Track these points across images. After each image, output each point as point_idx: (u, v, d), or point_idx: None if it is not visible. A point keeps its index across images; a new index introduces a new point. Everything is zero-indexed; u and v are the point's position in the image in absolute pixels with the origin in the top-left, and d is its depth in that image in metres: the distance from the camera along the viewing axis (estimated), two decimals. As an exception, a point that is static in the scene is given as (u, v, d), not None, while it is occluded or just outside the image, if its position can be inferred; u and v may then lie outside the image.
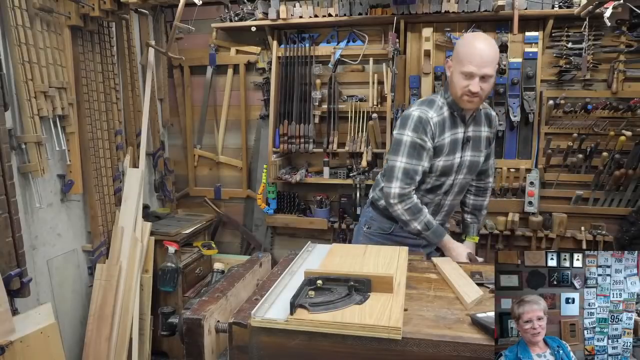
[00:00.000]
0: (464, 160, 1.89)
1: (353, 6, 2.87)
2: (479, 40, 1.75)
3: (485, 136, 1.94)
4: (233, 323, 1.22)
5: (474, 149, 1.91)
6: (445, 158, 1.86)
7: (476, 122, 1.91)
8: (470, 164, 1.91)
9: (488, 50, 1.71)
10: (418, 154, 1.80)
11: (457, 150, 1.87)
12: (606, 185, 2.82)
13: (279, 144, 3.12)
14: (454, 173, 1.90)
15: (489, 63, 1.71)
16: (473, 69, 1.71)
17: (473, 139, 1.89)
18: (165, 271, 2.74)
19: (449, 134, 1.85)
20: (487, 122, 1.95)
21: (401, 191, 1.82)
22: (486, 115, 1.95)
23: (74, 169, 2.47)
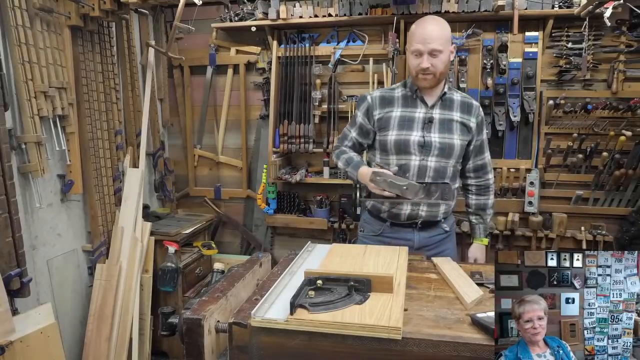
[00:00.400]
0: (430, 140, 1.88)
1: (353, 6, 2.87)
2: (425, 20, 1.85)
3: (459, 121, 1.92)
4: (233, 323, 1.22)
5: (443, 131, 1.90)
6: (398, 132, 1.90)
7: (445, 105, 1.93)
8: (442, 146, 1.89)
9: (432, 27, 1.80)
10: (352, 123, 2.07)
11: (414, 129, 1.89)
12: (606, 185, 2.82)
13: (279, 144, 3.12)
14: (417, 152, 1.89)
15: (435, 39, 1.77)
16: (419, 47, 1.79)
17: (440, 121, 1.91)
18: (165, 271, 2.74)
19: (398, 109, 1.93)
20: (465, 110, 1.95)
21: (335, 144, 2.14)
22: (464, 103, 1.96)
23: (74, 169, 2.47)
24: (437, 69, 1.82)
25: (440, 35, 1.80)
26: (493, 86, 2.85)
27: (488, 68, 2.83)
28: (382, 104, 1.96)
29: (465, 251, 3.05)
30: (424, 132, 1.89)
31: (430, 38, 1.78)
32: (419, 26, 1.83)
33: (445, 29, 1.83)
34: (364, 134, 2.02)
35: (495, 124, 2.87)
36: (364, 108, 1.99)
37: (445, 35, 1.82)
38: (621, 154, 2.73)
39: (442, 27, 1.82)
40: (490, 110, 2.87)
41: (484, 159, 2.04)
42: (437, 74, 1.83)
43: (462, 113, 1.94)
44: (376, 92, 2.01)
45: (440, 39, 1.79)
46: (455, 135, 1.91)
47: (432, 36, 1.78)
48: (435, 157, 1.89)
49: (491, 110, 2.87)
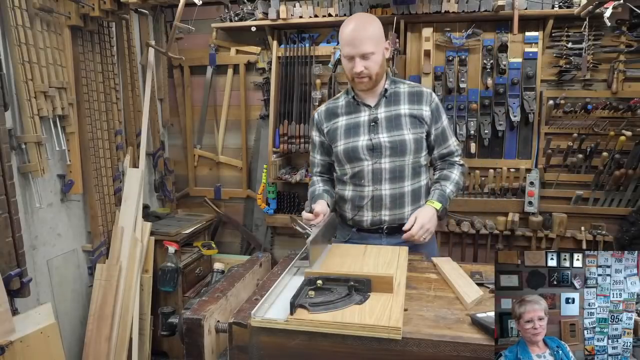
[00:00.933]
0: (378, 142, 1.80)
1: (353, 6, 2.88)
2: (351, 20, 1.73)
3: (408, 114, 1.82)
4: (233, 323, 1.22)
5: (391, 129, 1.81)
6: (345, 141, 1.84)
7: (390, 102, 1.84)
8: (393, 144, 1.80)
9: (359, 29, 1.68)
10: (312, 147, 2.02)
11: (361, 133, 1.82)
12: (606, 185, 2.83)
13: (279, 144, 3.12)
14: (368, 157, 1.81)
15: (363, 41, 1.67)
16: (349, 50, 1.70)
17: (386, 119, 1.82)
18: (165, 271, 2.74)
19: (343, 118, 1.87)
20: (414, 100, 1.84)
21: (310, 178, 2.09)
22: (413, 93, 1.85)
23: (74, 169, 2.47)
24: (371, 71, 1.73)
25: (370, 35, 1.69)
26: (493, 86, 2.85)
27: (488, 68, 2.83)
28: (327, 117, 1.91)
29: (465, 251, 3.08)
30: (371, 135, 1.81)
31: (358, 41, 1.68)
32: (345, 28, 1.72)
33: (374, 27, 1.72)
34: (325, 151, 1.96)
35: (495, 124, 2.87)
36: (315, 126, 1.95)
37: (375, 34, 1.71)
38: (621, 154, 2.73)
39: (371, 26, 1.71)
40: (490, 110, 2.87)
41: (449, 147, 1.91)
42: (372, 76, 1.75)
43: (410, 104, 1.83)
44: (322, 107, 1.96)
45: (369, 39, 1.69)
46: (405, 130, 1.81)
47: (360, 39, 1.68)
48: (388, 158, 1.81)
49: (491, 110, 2.87)
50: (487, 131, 2.88)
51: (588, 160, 2.82)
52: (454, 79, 2.88)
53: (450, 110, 2.91)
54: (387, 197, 1.83)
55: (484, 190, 2.97)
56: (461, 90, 2.87)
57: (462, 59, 2.85)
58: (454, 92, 2.90)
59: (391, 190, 1.83)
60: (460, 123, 2.90)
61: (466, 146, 2.92)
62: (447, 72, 2.87)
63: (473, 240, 3.04)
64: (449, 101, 2.91)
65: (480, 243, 3.05)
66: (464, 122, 2.89)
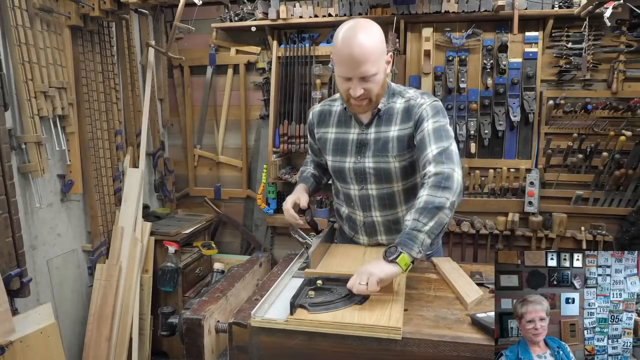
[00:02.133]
0: (363, 166, 1.61)
1: (353, 6, 2.87)
2: (348, 34, 1.42)
3: (396, 136, 1.57)
4: (233, 323, 1.22)
5: (377, 154, 1.59)
6: (332, 158, 1.68)
7: (382, 121, 1.59)
8: (377, 172, 1.60)
9: (358, 45, 1.40)
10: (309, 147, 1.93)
11: (348, 153, 1.63)
12: (606, 185, 2.82)
13: (279, 144, 3.12)
14: (353, 181, 1.66)
15: (364, 61, 1.41)
16: (345, 71, 1.45)
17: (374, 141, 1.59)
18: (165, 271, 2.74)
19: (333, 130, 1.69)
20: (405, 117, 1.57)
21: None
22: (406, 109, 1.57)
23: (74, 169, 2.47)
24: (371, 93, 1.49)
25: (372, 51, 1.42)
26: (493, 86, 2.85)
27: (488, 68, 2.83)
28: (319, 122, 1.73)
29: (465, 251, 3.08)
30: (357, 157, 1.62)
31: (357, 61, 1.41)
32: (343, 44, 1.42)
33: (375, 41, 1.43)
34: (315, 154, 1.87)
35: (495, 124, 2.87)
36: (309, 126, 1.80)
37: (377, 49, 1.44)
38: (621, 154, 2.73)
39: (372, 41, 1.42)
40: (490, 110, 2.87)
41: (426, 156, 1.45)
42: (372, 98, 1.51)
43: (401, 124, 1.57)
44: (317, 107, 1.78)
45: (372, 56, 1.41)
46: (390, 158, 1.57)
47: (359, 59, 1.40)
48: (375, 185, 1.63)
49: (491, 110, 2.87)
50: (487, 131, 2.88)
51: (588, 160, 2.82)
52: (454, 79, 2.88)
53: (450, 110, 2.90)
54: (381, 224, 1.70)
55: (484, 190, 2.97)
56: (461, 90, 2.87)
57: (462, 59, 2.85)
58: (454, 92, 2.90)
59: (383, 217, 1.68)
60: (460, 123, 2.90)
61: (466, 146, 2.92)
62: (447, 72, 2.87)
63: (473, 240, 3.04)
64: (449, 101, 2.91)
65: (480, 243, 3.05)
66: (464, 122, 2.89)
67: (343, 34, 1.44)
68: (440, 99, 2.84)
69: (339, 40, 1.45)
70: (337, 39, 1.45)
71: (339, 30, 1.46)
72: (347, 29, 1.44)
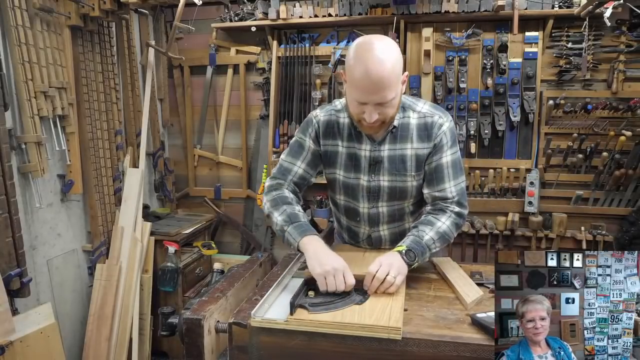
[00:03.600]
0: (377, 185, 1.56)
1: (353, 6, 2.87)
2: (367, 58, 1.31)
3: (415, 154, 1.52)
4: (233, 323, 1.22)
5: (393, 172, 1.54)
6: (345, 174, 1.59)
7: (396, 138, 1.53)
8: (392, 191, 1.56)
9: (380, 72, 1.30)
10: (295, 152, 1.63)
11: (361, 171, 1.56)
12: (606, 185, 2.83)
13: (279, 144, 3.12)
14: (364, 199, 1.60)
15: (383, 87, 1.33)
16: (361, 97, 1.36)
17: (389, 160, 1.53)
18: (165, 271, 2.74)
19: (344, 144, 1.57)
20: (423, 135, 1.51)
21: (270, 183, 1.64)
22: (422, 126, 1.52)
23: (74, 169, 2.47)
24: (387, 116, 1.42)
25: (391, 76, 1.33)
26: (493, 86, 2.85)
27: (488, 68, 2.83)
28: (326, 133, 1.59)
29: (465, 251, 3.08)
30: (371, 175, 1.56)
31: (377, 88, 1.32)
32: (359, 67, 1.32)
33: (395, 63, 1.34)
34: (314, 163, 1.64)
35: (495, 124, 2.87)
36: (312, 132, 1.60)
37: (396, 73, 1.35)
38: (621, 154, 2.73)
39: (392, 63, 1.33)
40: (490, 110, 2.87)
41: (444, 191, 1.52)
42: (387, 120, 1.44)
43: (419, 142, 1.52)
44: (321, 114, 1.61)
45: (390, 81, 1.33)
46: (408, 176, 1.54)
47: (380, 84, 1.32)
48: (386, 202, 1.59)
49: (491, 110, 2.87)
50: (487, 131, 2.88)
51: (588, 160, 2.82)
52: (454, 79, 2.88)
53: (450, 110, 2.91)
54: (387, 237, 1.69)
55: (484, 190, 2.97)
56: (461, 90, 2.87)
57: (462, 59, 2.85)
58: (454, 92, 2.90)
59: (390, 231, 1.67)
60: (460, 123, 2.90)
61: (466, 146, 2.92)
62: (447, 72, 2.87)
63: (473, 240, 3.04)
64: (449, 101, 2.91)
65: (480, 243, 3.05)
66: (464, 122, 2.89)
67: (359, 56, 1.33)
68: (440, 99, 2.88)
69: (354, 63, 1.34)
70: (352, 61, 1.35)
71: (354, 51, 1.36)
72: (363, 50, 1.33)
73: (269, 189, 1.62)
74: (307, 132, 1.62)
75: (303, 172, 1.63)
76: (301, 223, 1.47)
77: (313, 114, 1.64)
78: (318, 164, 1.65)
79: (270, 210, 1.56)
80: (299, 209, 1.55)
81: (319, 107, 1.68)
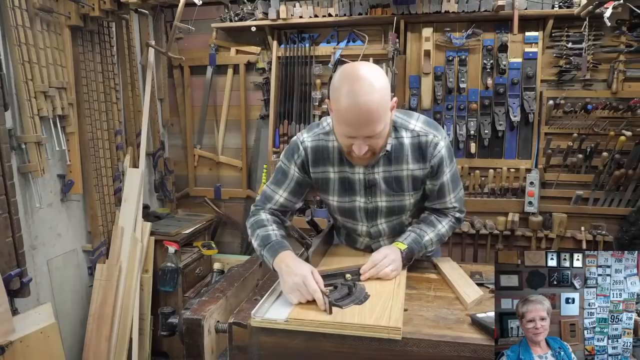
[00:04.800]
0: (375, 206, 1.55)
1: (353, 6, 2.87)
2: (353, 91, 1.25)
3: (411, 174, 1.49)
4: (233, 323, 1.22)
5: (391, 193, 1.51)
6: (339, 199, 1.55)
7: (390, 160, 1.47)
8: (390, 210, 1.55)
9: (367, 106, 1.24)
10: (278, 180, 1.58)
11: (356, 194, 1.53)
12: (606, 185, 2.82)
13: (279, 144, 3.12)
14: (363, 219, 1.60)
15: (371, 121, 1.27)
16: (348, 131, 1.32)
17: (385, 181, 1.50)
18: (165, 271, 2.74)
19: (335, 170, 1.52)
20: (418, 156, 1.47)
21: (251, 210, 1.63)
22: (416, 146, 1.47)
23: (74, 169, 2.47)
24: (377, 147, 1.37)
25: (378, 108, 1.26)
26: (493, 86, 2.85)
27: (488, 68, 2.83)
28: (316, 160, 1.52)
29: (465, 251, 3.08)
30: (368, 197, 1.53)
31: (365, 122, 1.27)
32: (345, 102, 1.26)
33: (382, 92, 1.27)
34: (299, 191, 1.59)
35: (495, 124, 2.87)
36: (298, 160, 1.53)
37: (384, 103, 1.28)
38: (621, 154, 2.73)
39: (380, 94, 1.26)
40: (490, 110, 2.87)
41: (445, 203, 1.58)
42: (377, 150, 1.40)
43: (414, 163, 1.48)
44: (308, 140, 1.52)
45: (379, 114, 1.27)
46: (406, 195, 1.53)
47: (368, 118, 1.26)
48: (385, 219, 1.59)
49: (491, 110, 2.87)
50: (487, 131, 2.88)
51: (588, 160, 2.82)
52: (454, 79, 2.88)
53: (450, 110, 2.91)
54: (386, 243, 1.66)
55: (484, 190, 2.97)
56: (461, 90, 2.87)
57: (462, 59, 2.85)
58: (454, 92, 2.90)
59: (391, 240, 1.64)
60: (460, 123, 2.90)
61: (466, 146, 2.92)
62: (447, 72, 2.87)
63: (473, 240, 3.04)
64: (449, 101, 2.91)
65: (480, 243, 3.05)
66: (464, 122, 2.89)
67: (345, 89, 1.26)
68: (440, 99, 2.88)
69: (339, 96, 1.28)
70: (337, 93, 1.28)
71: (339, 82, 1.29)
72: (349, 82, 1.27)
73: (249, 217, 1.60)
74: (292, 160, 1.54)
75: (285, 200, 1.58)
76: (272, 244, 1.44)
77: (299, 139, 1.54)
78: (303, 191, 1.61)
79: (250, 238, 1.55)
80: (273, 227, 1.51)
81: (305, 129, 1.57)
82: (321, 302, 1.22)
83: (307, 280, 1.25)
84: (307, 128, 1.57)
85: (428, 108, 2.91)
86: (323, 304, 1.22)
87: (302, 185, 1.58)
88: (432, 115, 2.91)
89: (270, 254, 1.41)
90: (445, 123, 2.91)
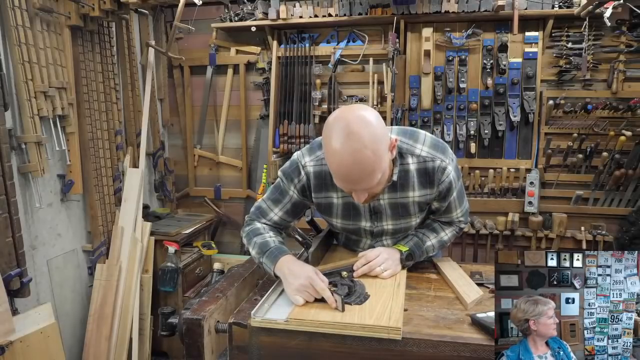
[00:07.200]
0: (381, 229, 1.55)
1: (353, 6, 2.87)
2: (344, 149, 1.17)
3: (416, 201, 1.46)
4: (233, 323, 1.22)
5: (397, 217, 1.50)
6: (343, 222, 1.54)
7: (395, 187, 1.43)
8: (397, 230, 1.56)
9: (361, 164, 1.18)
10: (276, 198, 1.53)
11: (361, 219, 1.51)
12: (606, 185, 2.82)
13: (279, 144, 3.12)
14: (368, 237, 1.60)
15: (367, 176, 1.21)
16: (346, 187, 1.29)
17: (391, 207, 1.47)
18: (165, 271, 2.74)
19: (339, 196, 1.47)
20: (425, 182, 1.43)
21: (245, 221, 1.60)
22: (422, 172, 1.42)
23: (74, 169, 2.47)
24: (377, 191, 1.36)
25: (374, 162, 1.19)
26: (493, 86, 2.85)
27: (488, 68, 2.83)
28: (318, 186, 1.46)
29: (465, 251, 3.08)
30: (373, 222, 1.52)
31: (360, 178, 1.21)
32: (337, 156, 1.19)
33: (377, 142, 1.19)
34: (295, 212, 1.56)
35: (495, 124, 2.87)
36: (298, 184, 1.48)
37: (379, 153, 1.20)
38: (621, 154, 2.73)
39: (375, 145, 1.18)
40: (490, 110, 2.87)
41: (450, 217, 1.59)
42: (378, 193, 1.40)
43: (420, 189, 1.44)
44: (310, 164, 1.45)
45: (373, 167, 1.20)
46: (412, 218, 1.52)
47: (363, 175, 1.20)
48: (391, 236, 1.58)
49: (491, 110, 2.87)
50: (487, 131, 2.88)
51: (588, 160, 2.82)
52: (454, 79, 2.88)
53: (450, 110, 2.91)
54: None
55: (484, 190, 2.97)
56: (461, 90, 2.87)
57: (462, 59, 2.85)
58: (454, 92, 2.90)
59: None
60: (460, 123, 2.90)
61: (466, 146, 2.92)
62: (447, 72, 2.87)
63: (473, 240, 3.04)
64: (449, 101, 2.91)
65: (480, 243, 3.05)
66: (464, 122, 2.89)
67: (336, 144, 1.18)
68: (440, 99, 2.88)
69: (329, 153, 1.22)
70: (328, 147, 1.22)
71: (330, 137, 1.20)
72: (340, 139, 1.18)
73: (244, 226, 1.59)
74: (292, 182, 1.48)
75: (279, 219, 1.56)
76: (271, 250, 1.43)
77: (301, 161, 1.46)
78: (299, 212, 1.58)
79: (247, 247, 1.53)
80: (270, 235, 1.50)
81: (306, 149, 1.50)
82: (331, 300, 1.23)
83: (313, 280, 1.27)
84: (309, 148, 1.49)
85: (428, 108, 2.91)
86: (334, 301, 1.22)
87: (299, 207, 1.55)
88: (432, 115, 2.92)
89: (271, 260, 1.40)
90: (445, 123, 2.91)
